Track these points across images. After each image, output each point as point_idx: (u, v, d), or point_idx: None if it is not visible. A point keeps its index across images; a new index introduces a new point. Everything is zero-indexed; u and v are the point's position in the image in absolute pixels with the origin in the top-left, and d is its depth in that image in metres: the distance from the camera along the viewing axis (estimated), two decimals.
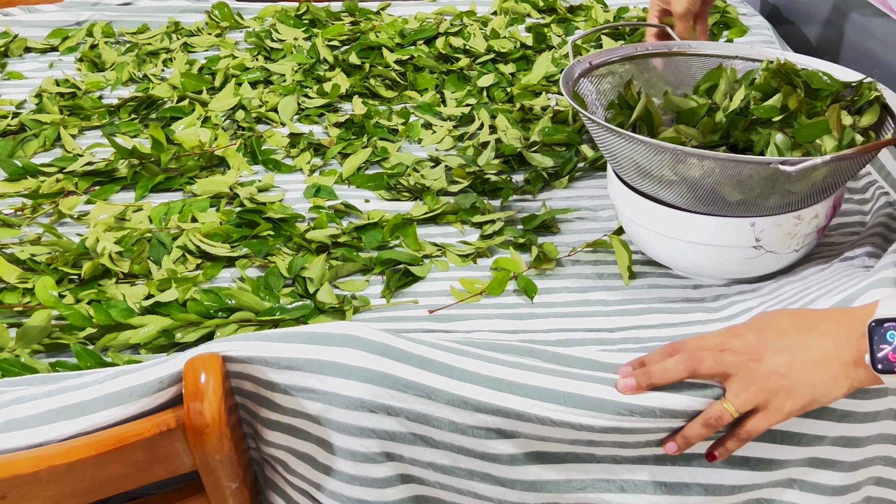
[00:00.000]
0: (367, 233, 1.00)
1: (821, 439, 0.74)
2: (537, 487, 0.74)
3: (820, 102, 0.89)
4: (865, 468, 0.77)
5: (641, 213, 0.89)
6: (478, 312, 0.89)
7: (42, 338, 0.84)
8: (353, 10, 1.57)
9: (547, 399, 0.69)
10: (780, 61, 0.93)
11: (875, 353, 0.65)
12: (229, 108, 1.26)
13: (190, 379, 0.67)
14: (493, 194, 1.08)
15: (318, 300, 0.89)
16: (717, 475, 0.74)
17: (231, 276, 0.95)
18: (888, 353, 0.65)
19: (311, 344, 0.70)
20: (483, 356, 0.72)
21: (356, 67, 1.35)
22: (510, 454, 0.72)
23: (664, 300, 0.91)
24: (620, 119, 0.94)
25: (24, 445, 0.66)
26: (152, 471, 0.69)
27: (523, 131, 1.17)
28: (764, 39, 1.41)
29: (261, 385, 0.72)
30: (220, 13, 1.55)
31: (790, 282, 0.88)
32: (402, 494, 0.74)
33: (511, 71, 1.35)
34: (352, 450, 0.71)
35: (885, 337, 0.65)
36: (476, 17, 1.53)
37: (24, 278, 0.92)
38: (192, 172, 1.12)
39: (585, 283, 0.93)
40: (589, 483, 0.74)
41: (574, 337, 0.86)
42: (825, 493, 0.76)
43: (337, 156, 1.17)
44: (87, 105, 1.27)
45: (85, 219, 1.03)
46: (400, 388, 0.69)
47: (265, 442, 0.76)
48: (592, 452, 0.73)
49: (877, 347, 0.65)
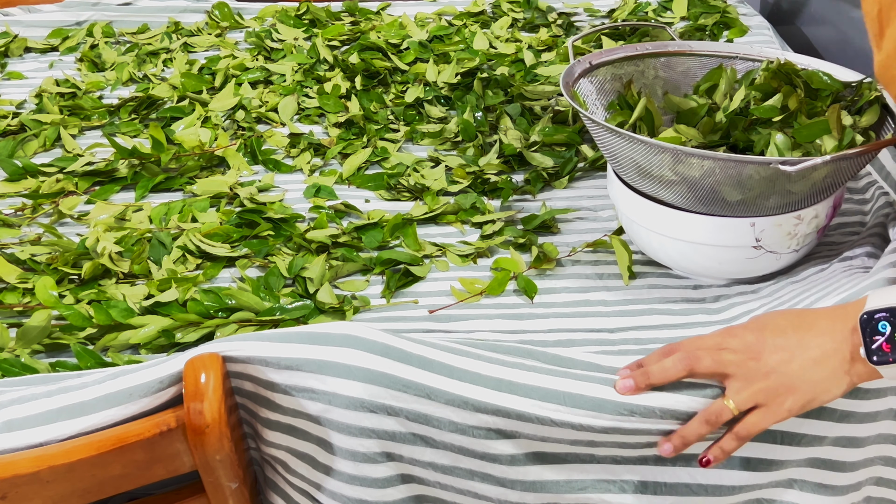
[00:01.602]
0: (367, 233, 1.00)
1: (821, 439, 0.74)
2: (537, 488, 0.74)
3: (820, 102, 0.89)
4: (865, 468, 0.77)
5: (641, 213, 0.89)
6: (478, 312, 0.89)
7: (42, 338, 0.84)
8: (353, 10, 1.57)
9: (547, 399, 0.69)
10: (780, 61, 0.93)
11: (868, 345, 0.65)
12: (229, 108, 1.26)
13: (190, 379, 0.67)
14: (493, 194, 1.08)
15: (318, 300, 0.89)
16: (718, 476, 0.74)
17: (231, 276, 0.95)
18: (882, 344, 0.65)
19: (311, 344, 0.70)
20: (483, 356, 0.72)
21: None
22: (510, 454, 0.72)
23: (664, 300, 0.91)
24: (620, 119, 0.94)
25: (24, 445, 0.66)
26: (152, 471, 0.69)
27: (523, 132, 1.17)
28: (764, 39, 1.41)
29: (261, 385, 0.72)
30: (220, 13, 1.55)
31: (790, 283, 0.88)
32: (402, 494, 0.74)
33: (511, 72, 1.35)
34: (352, 450, 0.71)
35: (876, 328, 0.65)
36: (476, 18, 1.53)
37: (24, 278, 0.92)
38: (192, 172, 1.12)
39: (585, 283, 0.93)
40: (589, 483, 0.74)
41: (574, 337, 0.86)
42: (825, 494, 0.76)
43: (337, 156, 1.17)
44: (87, 105, 1.27)
45: (85, 219, 1.03)
46: (400, 388, 0.69)
47: (265, 442, 0.76)
48: (593, 453, 0.73)
49: (869, 339, 0.65)
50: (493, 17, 1.54)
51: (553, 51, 1.41)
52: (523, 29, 1.51)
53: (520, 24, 1.51)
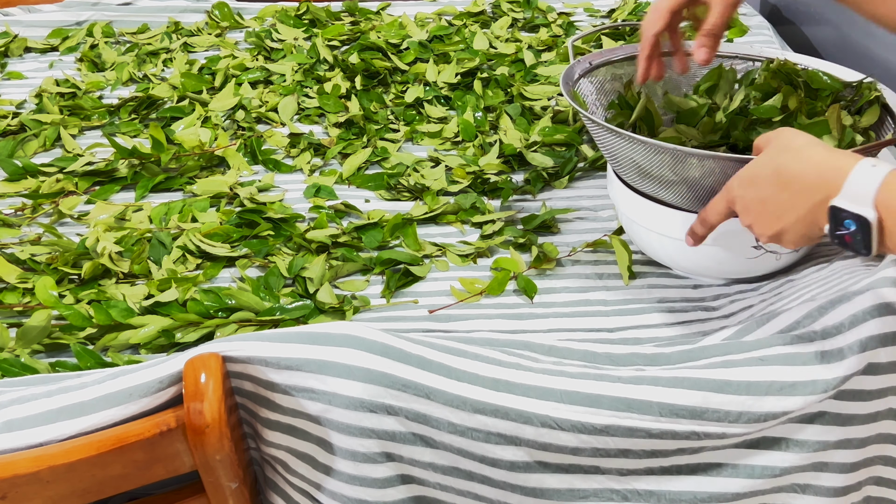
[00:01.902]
0: (367, 233, 1.00)
1: (824, 444, 0.74)
2: (538, 494, 0.74)
3: (820, 102, 0.89)
4: (866, 468, 0.77)
5: (641, 213, 0.89)
6: (478, 312, 0.89)
7: (42, 338, 0.84)
8: (353, 10, 1.57)
9: (545, 397, 0.69)
10: (781, 61, 0.93)
11: (833, 230, 0.66)
12: (229, 108, 1.26)
13: (190, 379, 0.67)
14: (493, 194, 1.08)
15: (318, 300, 0.89)
16: (722, 483, 0.74)
17: (231, 276, 0.95)
18: (844, 236, 0.65)
19: (311, 344, 0.70)
20: (481, 356, 0.72)
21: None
22: (510, 460, 0.72)
23: (664, 300, 0.91)
24: (620, 119, 0.94)
25: (24, 445, 0.66)
26: (152, 471, 0.69)
27: (523, 132, 1.17)
28: (764, 39, 1.41)
29: (261, 385, 0.72)
30: (220, 13, 1.55)
31: (790, 280, 0.88)
32: (401, 495, 0.74)
33: (511, 72, 1.35)
34: (352, 450, 0.71)
35: (842, 224, 0.65)
36: (476, 17, 1.53)
37: (24, 278, 0.92)
38: (192, 172, 1.12)
39: (585, 283, 0.93)
40: (591, 492, 0.74)
41: (574, 337, 0.86)
42: (826, 495, 0.76)
43: (337, 156, 1.17)
44: (87, 105, 1.27)
45: (85, 219, 1.03)
46: (399, 388, 0.69)
47: (265, 442, 0.76)
48: (598, 465, 0.73)
49: (834, 227, 0.66)
50: (493, 17, 1.54)
51: (553, 51, 1.41)
52: (523, 29, 1.51)
53: (520, 24, 1.51)
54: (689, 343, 0.78)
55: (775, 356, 0.72)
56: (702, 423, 0.70)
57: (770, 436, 0.73)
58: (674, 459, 0.73)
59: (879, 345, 0.71)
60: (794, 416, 0.73)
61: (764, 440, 0.73)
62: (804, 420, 0.74)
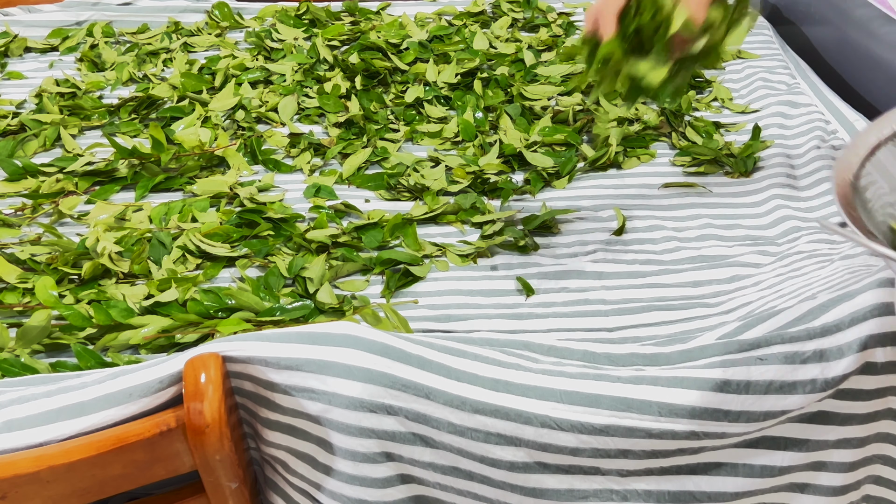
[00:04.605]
0: (367, 233, 1.00)
1: (823, 443, 0.74)
2: (538, 494, 0.74)
3: None
4: (865, 467, 0.77)
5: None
6: (478, 312, 0.89)
7: (42, 338, 0.84)
8: (353, 10, 1.57)
9: (544, 397, 0.69)
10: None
11: None
12: (229, 108, 1.26)
13: (190, 379, 0.67)
14: (493, 194, 1.08)
15: (318, 300, 0.89)
16: (722, 483, 0.74)
17: (231, 276, 0.95)
18: None
19: (311, 344, 0.70)
20: (481, 356, 0.72)
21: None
22: (510, 460, 0.72)
23: (663, 298, 0.91)
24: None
25: (24, 445, 0.66)
26: (152, 471, 0.69)
27: (523, 132, 1.17)
28: (764, 39, 1.41)
29: (261, 385, 0.72)
30: (220, 13, 1.55)
31: (791, 278, 0.88)
32: (401, 495, 0.74)
33: (511, 72, 1.35)
34: (352, 450, 0.71)
35: None
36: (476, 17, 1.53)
37: (24, 278, 0.92)
38: (192, 172, 1.12)
39: (585, 283, 0.93)
40: (591, 493, 0.74)
41: (574, 337, 0.86)
42: (826, 494, 0.76)
43: (337, 156, 1.17)
44: (87, 105, 1.27)
45: (85, 219, 1.03)
46: (399, 388, 0.69)
47: (265, 442, 0.76)
48: (597, 465, 0.73)
49: None
50: (493, 17, 1.54)
51: (553, 51, 1.41)
52: (523, 29, 1.51)
53: (520, 24, 1.51)
54: (688, 341, 0.78)
55: (774, 355, 0.72)
56: (701, 423, 0.70)
57: (769, 435, 0.73)
58: (673, 460, 0.73)
59: (878, 344, 0.71)
60: (794, 415, 0.73)
61: (763, 440, 0.74)
62: (803, 419, 0.74)
